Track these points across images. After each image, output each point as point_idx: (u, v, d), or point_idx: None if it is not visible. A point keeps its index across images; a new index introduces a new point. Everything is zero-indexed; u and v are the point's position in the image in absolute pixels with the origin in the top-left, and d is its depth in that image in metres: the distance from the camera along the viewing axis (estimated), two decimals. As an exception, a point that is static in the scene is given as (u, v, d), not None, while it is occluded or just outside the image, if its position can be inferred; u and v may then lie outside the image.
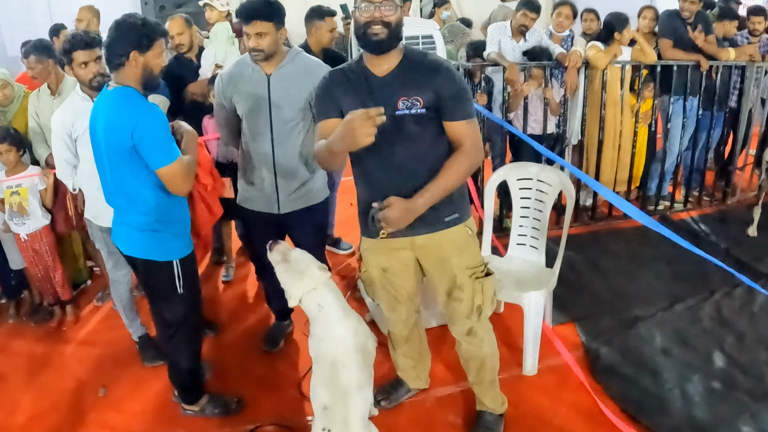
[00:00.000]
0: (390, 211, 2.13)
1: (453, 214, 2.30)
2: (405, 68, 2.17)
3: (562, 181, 3.06)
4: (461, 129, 2.15)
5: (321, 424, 2.15)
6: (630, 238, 4.33)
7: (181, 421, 2.83)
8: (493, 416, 2.65)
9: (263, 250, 3.03)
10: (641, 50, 4.15)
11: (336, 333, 2.24)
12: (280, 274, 2.29)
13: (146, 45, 2.29)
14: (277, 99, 2.72)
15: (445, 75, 2.14)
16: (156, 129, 2.28)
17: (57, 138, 2.85)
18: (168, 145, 2.31)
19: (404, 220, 2.15)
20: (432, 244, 2.34)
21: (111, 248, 2.86)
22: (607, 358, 3.07)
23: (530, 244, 3.21)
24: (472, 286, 2.36)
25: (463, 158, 2.16)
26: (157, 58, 2.34)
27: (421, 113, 2.15)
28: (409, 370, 2.82)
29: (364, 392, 2.26)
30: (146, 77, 2.34)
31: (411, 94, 2.14)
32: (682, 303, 3.52)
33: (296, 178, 2.83)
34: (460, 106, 2.15)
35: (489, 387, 2.64)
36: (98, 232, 2.98)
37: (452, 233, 2.32)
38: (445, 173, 2.15)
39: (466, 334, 2.48)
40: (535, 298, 2.90)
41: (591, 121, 4.28)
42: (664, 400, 2.77)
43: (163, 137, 2.30)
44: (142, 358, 3.23)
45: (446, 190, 2.18)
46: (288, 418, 2.80)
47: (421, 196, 2.15)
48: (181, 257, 2.51)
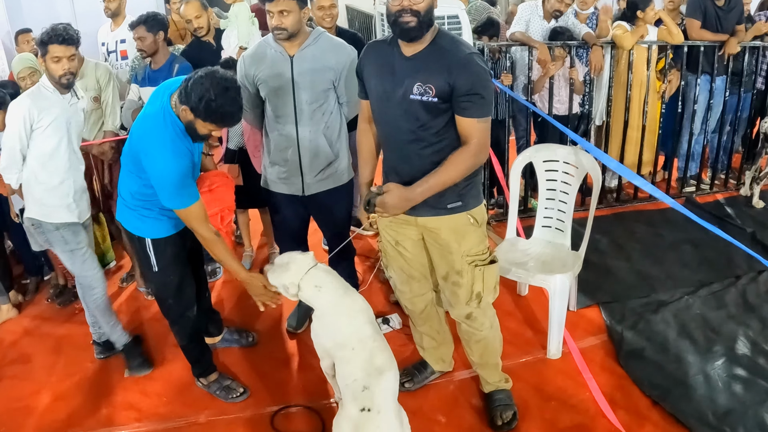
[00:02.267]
0: (387, 197, 2.19)
1: (456, 202, 2.30)
2: (430, 53, 2.16)
3: (588, 163, 3.02)
4: (470, 126, 2.14)
5: (360, 404, 2.14)
6: (655, 220, 4.29)
7: (206, 403, 2.86)
8: (504, 392, 2.68)
9: (288, 232, 3.07)
10: (668, 30, 4.06)
11: (347, 309, 2.25)
12: (271, 278, 2.37)
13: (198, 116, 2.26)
14: (301, 80, 2.70)
15: (465, 69, 2.10)
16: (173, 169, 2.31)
17: (14, 125, 2.70)
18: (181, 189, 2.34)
19: (400, 207, 2.21)
20: (432, 227, 2.36)
21: (73, 245, 2.82)
22: (632, 342, 3.05)
23: (555, 227, 3.18)
24: (472, 273, 2.37)
25: (467, 155, 2.15)
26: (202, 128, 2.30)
27: (432, 102, 2.14)
28: (432, 351, 2.83)
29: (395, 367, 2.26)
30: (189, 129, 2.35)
31: (426, 80, 2.13)
32: (707, 288, 3.48)
33: (321, 159, 2.82)
34: (474, 104, 2.11)
35: (493, 369, 2.67)
36: (54, 231, 2.82)
37: (453, 219, 2.32)
38: (446, 167, 2.16)
39: (466, 318, 2.51)
40: (561, 281, 2.88)
41: (616, 102, 4.21)
42: (688, 385, 2.75)
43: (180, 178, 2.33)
44: (126, 367, 3.05)
45: (445, 184, 2.19)
46: (312, 399, 2.82)
47: (419, 186, 2.18)
48: (155, 237, 2.56)
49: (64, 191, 2.81)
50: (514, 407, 2.63)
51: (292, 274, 2.26)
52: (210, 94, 2.18)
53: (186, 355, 2.89)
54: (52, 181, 2.79)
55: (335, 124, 2.83)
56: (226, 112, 2.25)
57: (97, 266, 2.95)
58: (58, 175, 2.80)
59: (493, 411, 2.63)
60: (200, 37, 3.86)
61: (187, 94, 2.22)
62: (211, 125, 2.29)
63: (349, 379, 2.18)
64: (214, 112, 2.22)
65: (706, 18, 4.25)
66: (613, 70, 4.13)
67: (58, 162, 2.79)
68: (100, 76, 3.42)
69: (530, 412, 2.67)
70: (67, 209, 2.81)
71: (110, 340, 3.07)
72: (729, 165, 4.77)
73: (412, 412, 2.31)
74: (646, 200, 4.48)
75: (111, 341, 3.09)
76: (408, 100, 2.17)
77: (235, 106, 2.26)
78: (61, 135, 2.76)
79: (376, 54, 2.30)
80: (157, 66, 3.46)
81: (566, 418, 2.64)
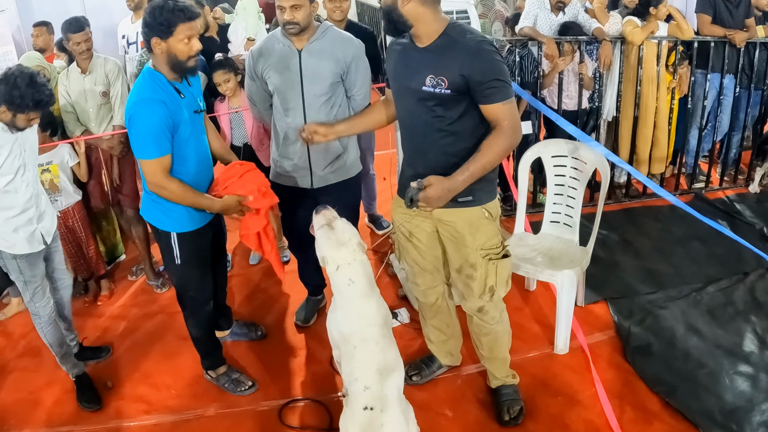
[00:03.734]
0: (431, 191, 2.14)
1: (467, 197, 2.29)
2: (442, 45, 2.17)
3: (597, 159, 3.01)
4: (497, 110, 2.14)
5: (362, 403, 2.15)
6: (664, 216, 4.27)
7: (214, 396, 2.88)
8: (512, 387, 2.69)
9: (297, 225, 3.08)
10: (678, 26, 4.04)
11: (360, 308, 2.25)
12: (321, 238, 2.27)
13: (164, 32, 2.27)
14: (309, 74, 2.71)
15: (477, 59, 2.10)
16: (142, 118, 2.29)
17: None
18: (146, 139, 2.30)
19: (444, 200, 2.18)
20: (447, 220, 2.37)
21: (27, 277, 2.71)
22: (639, 338, 3.04)
23: (564, 222, 3.18)
24: (486, 266, 2.38)
25: (501, 137, 2.14)
26: (179, 44, 2.29)
27: (444, 93, 2.15)
28: (440, 345, 2.84)
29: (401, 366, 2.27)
30: (172, 63, 2.33)
31: (439, 72, 2.14)
32: (715, 284, 3.47)
33: (329, 152, 2.83)
34: (495, 90, 2.11)
35: (502, 364, 2.68)
36: (11, 260, 2.69)
37: (468, 213, 2.33)
38: (483, 151, 2.15)
39: (478, 311, 2.52)
40: (568, 276, 2.88)
41: (626, 98, 4.19)
42: (695, 382, 2.74)
43: (147, 129, 2.29)
44: (78, 400, 2.90)
45: (485, 169, 2.18)
46: (320, 393, 2.84)
47: (460, 174, 2.16)
48: (180, 231, 2.56)
49: (27, 218, 2.67)
50: (521, 402, 2.64)
51: (342, 256, 2.21)
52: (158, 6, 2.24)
53: (197, 348, 2.91)
54: (11, 212, 2.63)
55: (343, 116, 2.83)
56: (178, 7, 2.26)
57: (45, 302, 2.80)
58: (17, 206, 2.64)
59: (500, 406, 2.63)
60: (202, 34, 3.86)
61: (147, 28, 2.28)
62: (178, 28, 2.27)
63: (351, 377, 2.18)
64: (170, 11, 2.24)
65: (716, 13, 4.23)
66: (622, 66, 4.11)
67: (17, 195, 2.63)
68: (109, 70, 3.43)
69: (537, 407, 2.68)
70: (27, 241, 2.68)
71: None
72: (738, 162, 4.74)
73: (419, 406, 2.33)
74: (655, 196, 4.44)
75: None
76: (421, 93, 2.19)
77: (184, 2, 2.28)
78: (16, 167, 2.60)
79: (396, 49, 2.33)
80: None
81: (573, 414, 2.64)
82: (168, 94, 2.36)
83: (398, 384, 2.24)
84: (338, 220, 2.32)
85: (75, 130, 3.46)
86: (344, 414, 2.28)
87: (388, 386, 2.19)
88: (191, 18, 2.30)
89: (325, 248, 2.25)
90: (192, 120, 2.47)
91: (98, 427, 2.76)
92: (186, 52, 2.32)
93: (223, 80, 3.44)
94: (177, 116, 2.37)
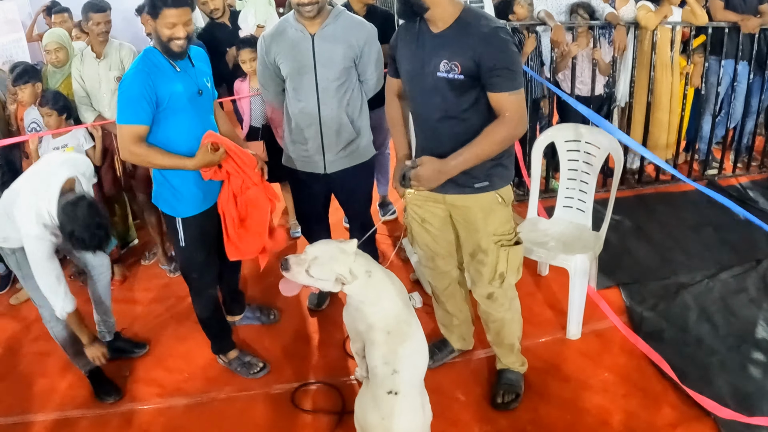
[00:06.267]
0: (421, 170, 2.17)
1: (483, 182, 2.30)
2: (456, 30, 2.15)
3: (610, 144, 2.99)
4: (503, 100, 2.12)
5: (388, 387, 2.15)
6: (676, 202, 4.25)
7: (227, 379, 2.90)
8: (515, 374, 2.69)
9: (309, 210, 3.09)
10: (692, 11, 4.00)
11: (388, 292, 2.24)
12: (317, 275, 2.15)
13: (152, 13, 2.33)
14: (322, 58, 2.70)
15: (490, 45, 2.08)
16: (124, 87, 2.35)
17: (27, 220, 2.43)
18: (124, 106, 2.35)
19: (434, 180, 2.18)
20: (460, 205, 2.37)
21: (25, 271, 2.59)
22: (652, 324, 3.04)
23: (577, 207, 3.16)
24: (497, 252, 2.37)
25: (502, 128, 2.13)
26: (163, 28, 2.32)
27: (458, 79, 2.14)
28: (453, 329, 2.84)
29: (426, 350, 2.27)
30: (158, 42, 2.38)
31: (452, 57, 2.13)
32: (728, 271, 3.44)
33: (342, 137, 2.82)
34: (503, 78, 2.09)
35: (508, 350, 2.68)
36: (10, 256, 2.63)
37: (481, 198, 2.33)
38: (480, 139, 2.14)
39: (487, 297, 2.51)
40: (581, 261, 2.87)
41: (640, 83, 4.16)
42: (707, 368, 2.74)
43: (126, 97, 2.34)
44: (96, 395, 2.86)
45: (479, 157, 2.17)
46: (332, 376, 2.85)
47: (453, 159, 2.16)
48: (185, 216, 2.60)
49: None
50: (519, 390, 2.65)
51: (342, 263, 2.13)
52: None
53: (205, 330, 2.93)
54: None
55: (356, 101, 2.83)
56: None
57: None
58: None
59: (497, 388, 2.65)
60: (215, 18, 3.86)
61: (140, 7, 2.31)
62: (163, 13, 2.29)
63: (380, 361, 2.17)
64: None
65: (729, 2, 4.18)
66: (636, 51, 4.08)
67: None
68: (124, 56, 3.44)
69: (549, 392, 2.68)
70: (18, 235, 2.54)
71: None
72: (752, 148, 4.71)
73: (431, 390, 2.32)
74: (668, 182, 4.44)
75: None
76: (435, 78, 2.17)
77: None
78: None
79: (406, 33, 2.30)
80: None
81: (585, 398, 2.64)
82: (159, 67, 2.39)
83: (423, 369, 2.25)
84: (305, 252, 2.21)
85: (88, 115, 3.47)
86: (362, 397, 2.29)
87: (413, 371, 2.20)
88: (178, 5, 2.31)
89: (328, 275, 2.14)
90: (190, 98, 2.48)
91: (111, 410, 2.78)
92: (167, 35, 2.34)
93: (249, 58, 3.45)
94: (165, 88, 2.39)
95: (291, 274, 2.18)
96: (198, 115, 2.53)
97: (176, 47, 2.36)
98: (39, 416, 2.78)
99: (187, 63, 2.48)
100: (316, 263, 2.14)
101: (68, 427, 2.72)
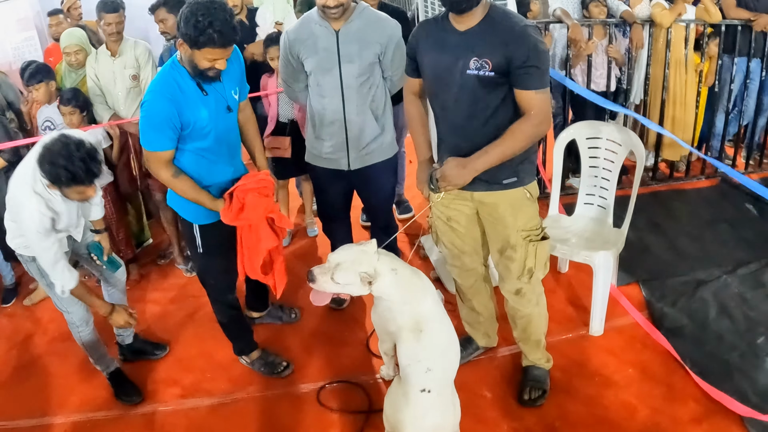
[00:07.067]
0: (447, 169, 2.19)
1: (511, 178, 2.30)
2: (484, 27, 2.14)
3: (632, 141, 3.00)
4: (529, 98, 2.12)
5: (421, 385, 2.15)
6: (691, 199, 4.26)
7: (250, 378, 2.88)
8: (541, 370, 2.69)
9: (331, 208, 3.07)
10: (705, 9, 4.01)
11: (419, 290, 2.23)
12: (342, 280, 2.14)
13: (192, 45, 2.17)
14: (347, 55, 2.69)
15: (520, 41, 2.08)
16: (148, 111, 2.26)
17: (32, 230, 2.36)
18: (148, 132, 2.28)
19: (460, 178, 2.19)
20: (489, 201, 2.37)
21: (48, 280, 2.53)
22: (673, 320, 3.04)
23: (597, 204, 3.17)
24: (526, 248, 2.38)
25: (527, 125, 2.14)
26: (202, 60, 2.20)
27: (489, 76, 2.13)
28: (477, 326, 2.84)
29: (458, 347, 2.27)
30: (191, 66, 2.26)
31: (482, 55, 2.12)
32: (745, 267, 3.45)
33: (366, 134, 2.81)
34: (531, 76, 2.09)
35: (535, 346, 2.68)
36: (31, 263, 2.58)
37: (509, 194, 2.33)
38: (505, 137, 2.15)
39: (515, 293, 2.51)
40: (605, 258, 2.87)
41: (654, 81, 4.17)
42: (729, 363, 2.74)
43: (150, 123, 2.26)
44: (117, 396, 2.83)
45: (504, 154, 2.17)
46: (356, 375, 2.83)
47: (479, 156, 2.17)
48: (201, 224, 2.56)
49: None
50: (545, 386, 2.64)
51: (365, 263, 2.12)
52: (195, 17, 2.09)
53: (225, 333, 2.91)
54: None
55: (380, 98, 2.82)
56: (216, 29, 2.10)
57: (77, 305, 2.69)
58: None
59: (523, 384, 2.66)
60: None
61: (178, 26, 2.16)
62: (206, 50, 2.15)
63: (413, 359, 2.16)
64: (202, 31, 2.09)
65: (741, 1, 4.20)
66: (651, 49, 4.09)
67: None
68: (139, 54, 3.41)
69: (574, 387, 2.68)
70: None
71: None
72: (764, 146, 4.72)
73: (457, 387, 2.31)
74: (682, 179, 4.46)
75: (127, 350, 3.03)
76: (465, 76, 2.16)
77: (225, 23, 2.11)
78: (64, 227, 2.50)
79: (428, 31, 2.29)
80: None
81: (610, 394, 2.64)
82: (184, 90, 2.29)
83: (455, 365, 2.25)
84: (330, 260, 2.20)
85: (103, 114, 3.45)
86: (392, 396, 2.27)
87: (447, 368, 2.20)
88: (224, 45, 2.18)
89: (353, 277, 2.13)
90: (216, 117, 2.39)
91: (133, 411, 2.76)
92: (206, 66, 2.24)
93: (278, 56, 3.44)
94: (189, 115, 2.30)
95: (318, 284, 2.20)
96: (223, 132, 2.45)
97: (212, 73, 2.27)
98: (59, 418, 2.76)
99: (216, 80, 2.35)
100: (340, 269, 2.14)
101: (90, 429, 2.70)
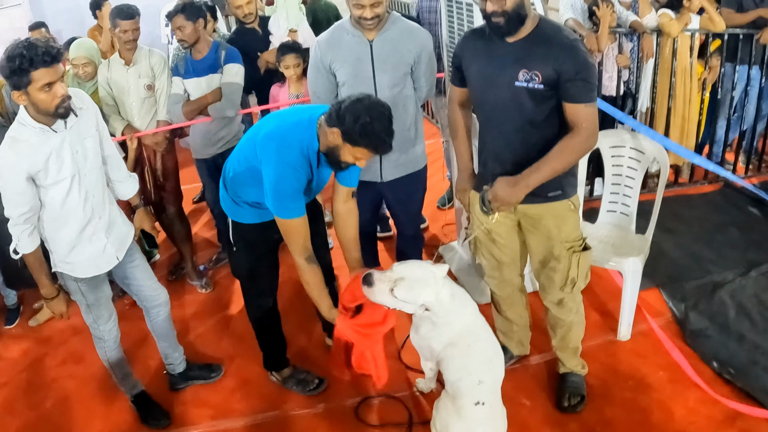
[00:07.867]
0: (497, 188, 2.18)
1: (557, 191, 2.31)
2: (533, 40, 2.16)
3: (656, 148, 3.05)
4: (579, 111, 2.13)
5: (474, 398, 2.14)
6: (697, 204, 4.34)
7: (283, 396, 2.82)
8: (578, 376, 2.71)
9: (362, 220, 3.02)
10: (710, 18, 4.11)
11: (470, 309, 2.24)
12: (402, 297, 2.07)
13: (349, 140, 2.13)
14: (381, 65, 2.68)
15: (570, 54, 2.10)
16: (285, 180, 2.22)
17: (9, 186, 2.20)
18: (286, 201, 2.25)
19: (513, 197, 2.18)
20: (533, 213, 2.37)
21: (90, 300, 2.51)
22: (697, 323, 3.08)
23: (621, 211, 3.21)
24: (569, 259, 2.38)
25: (577, 140, 2.14)
26: (348, 155, 2.17)
27: (538, 88, 2.14)
28: (512, 335, 2.84)
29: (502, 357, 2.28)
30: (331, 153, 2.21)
31: (532, 67, 2.13)
32: (758, 269, 3.51)
33: (399, 144, 2.77)
34: (580, 89, 2.11)
35: (572, 354, 2.70)
36: (72, 282, 2.48)
37: (554, 206, 2.33)
38: (556, 153, 2.15)
39: (557, 303, 2.53)
40: (634, 264, 2.91)
41: (661, 90, 4.25)
42: (754, 362, 2.79)
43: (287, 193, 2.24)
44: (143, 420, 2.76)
45: (555, 170, 2.17)
46: (393, 390, 2.78)
47: (529, 174, 2.16)
48: (238, 221, 2.54)
49: (89, 234, 2.40)
50: (583, 392, 2.66)
51: (431, 288, 2.07)
52: (366, 117, 2.06)
53: (259, 342, 2.84)
54: (68, 230, 2.36)
55: (412, 108, 2.81)
56: (381, 138, 2.11)
57: (111, 325, 2.63)
58: (75, 221, 2.35)
59: (562, 391, 2.66)
60: (246, 24, 3.78)
61: (340, 116, 2.10)
62: (361, 150, 2.13)
63: (464, 373, 2.15)
64: (369, 135, 2.08)
65: (742, 7, 4.31)
66: (658, 58, 4.16)
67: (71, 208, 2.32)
68: (154, 63, 3.31)
69: (610, 392, 2.70)
70: (91, 262, 2.44)
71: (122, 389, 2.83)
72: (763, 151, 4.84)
73: (497, 397, 2.32)
74: (686, 185, 4.55)
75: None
76: (513, 87, 2.17)
77: (390, 134, 2.13)
78: (68, 175, 2.27)
79: (476, 41, 2.29)
80: (200, 55, 3.34)
81: (646, 397, 2.67)
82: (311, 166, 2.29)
83: (502, 374, 2.24)
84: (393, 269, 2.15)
85: (117, 125, 3.33)
86: (443, 410, 2.27)
87: (496, 379, 2.19)
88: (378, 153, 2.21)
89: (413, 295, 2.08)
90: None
91: (163, 434, 2.68)
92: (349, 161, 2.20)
93: (294, 64, 3.42)
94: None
95: (372, 291, 2.12)
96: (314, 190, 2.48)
97: (345, 167, 2.26)
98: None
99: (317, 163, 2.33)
100: (403, 284, 2.07)
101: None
